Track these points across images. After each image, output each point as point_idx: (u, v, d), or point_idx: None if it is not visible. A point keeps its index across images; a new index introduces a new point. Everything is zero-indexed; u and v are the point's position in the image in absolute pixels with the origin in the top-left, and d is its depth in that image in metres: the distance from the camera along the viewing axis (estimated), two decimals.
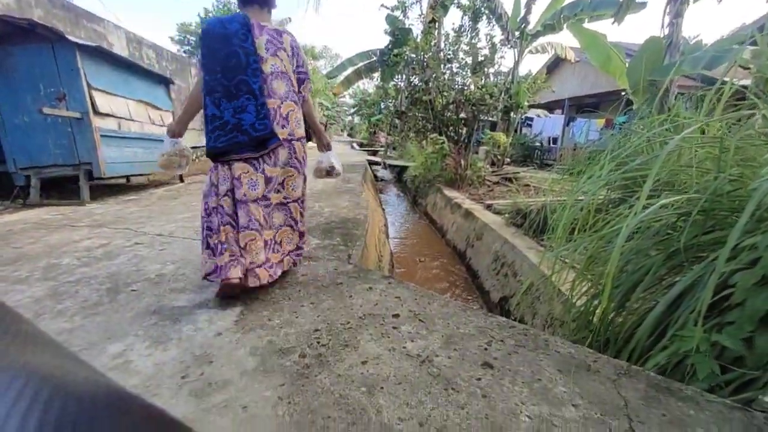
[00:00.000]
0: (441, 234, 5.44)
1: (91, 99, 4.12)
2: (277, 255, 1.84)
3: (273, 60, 1.70)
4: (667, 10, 4.12)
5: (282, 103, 1.75)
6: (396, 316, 1.60)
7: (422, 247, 4.99)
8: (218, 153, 1.69)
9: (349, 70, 11.95)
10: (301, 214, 1.99)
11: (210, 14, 10.77)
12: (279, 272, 1.83)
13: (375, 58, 11.00)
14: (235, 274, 1.59)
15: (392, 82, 11.30)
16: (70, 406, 0.13)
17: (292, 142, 1.83)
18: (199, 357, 1.30)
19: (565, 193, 3.43)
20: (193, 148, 8.84)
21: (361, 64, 11.53)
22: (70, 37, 3.95)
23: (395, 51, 9.00)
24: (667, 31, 4.17)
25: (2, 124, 4.03)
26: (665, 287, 1.58)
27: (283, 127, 1.76)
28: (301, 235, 2.01)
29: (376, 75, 12.41)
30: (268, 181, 1.76)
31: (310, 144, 2.25)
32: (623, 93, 4.76)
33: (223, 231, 1.66)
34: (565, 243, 2.02)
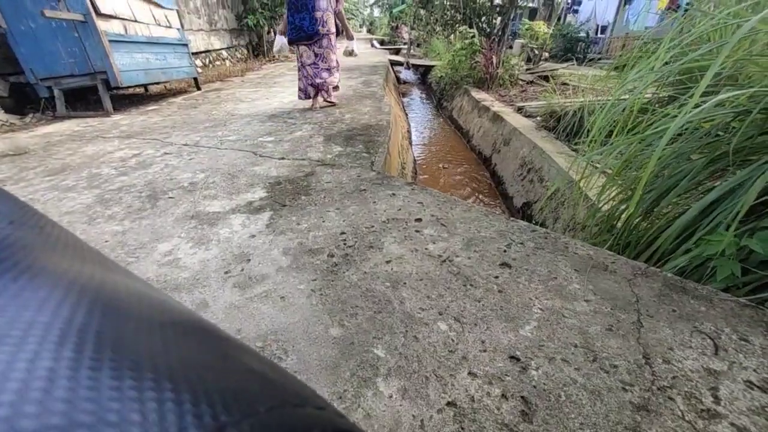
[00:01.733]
0: (466, 140, 5.25)
1: None
2: (325, 87, 3.84)
3: None
4: None
5: (323, 14, 3.33)
6: (418, 220, 1.65)
7: (446, 153, 4.87)
8: (292, 41, 3.48)
9: None
10: (337, 70, 3.77)
11: None
12: (328, 96, 4.01)
13: None
14: (309, 95, 3.84)
15: None
16: (110, 317, 0.13)
17: (328, 35, 3.46)
18: (237, 255, 1.43)
19: (607, 91, 3.11)
20: (204, 52, 8.40)
21: None
22: None
23: None
24: None
25: (11, 33, 3.90)
26: (702, 192, 1.51)
27: (322, 26, 3.36)
28: (335, 87, 4.03)
29: None
30: (316, 55, 3.55)
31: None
32: None
33: (302, 78, 3.74)
34: (600, 147, 1.91)
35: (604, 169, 1.98)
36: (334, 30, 3.49)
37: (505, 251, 1.41)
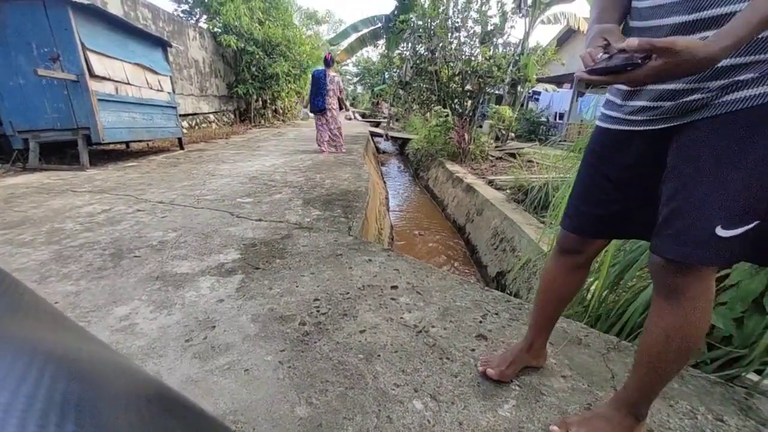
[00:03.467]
0: (441, 208, 5.45)
1: (86, 61, 4.00)
2: (331, 147, 6.13)
3: (330, 86, 5.64)
4: None
5: (330, 99, 5.69)
6: (394, 287, 1.63)
7: (422, 220, 5.01)
8: (312, 111, 5.88)
9: (353, 37, 11.54)
10: (339, 134, 6.01)
11: None
12: (332, 151, 6.05)
13: (380, 25, 10.59)
14: (320, 148, 6.05)
15: (397, 51, 10.90)
16: (74, 386, 0.13)
17: (332, 110, 5.78)
18: (202, 322, 1.34)
19: (569, 169, 3.40)
20: (192, 114, 8.71)
21: (365, 30, 11.11)
22: None
23: (401, 17, 8.63)
24: None
25: None
26: None
27: (328, 105, 5.70)
28: (340, 145, 6.14)
29: (381, 42, 11.97)
30: (326, 121, 5.84)
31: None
32: None
33: (318, 137, 6.03)
34: None
35: None
36: (336, 107, 5.87)
37: (480, 322, 1.39)
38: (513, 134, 9.89)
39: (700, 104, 0.67)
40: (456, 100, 7.78)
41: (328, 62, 5.64)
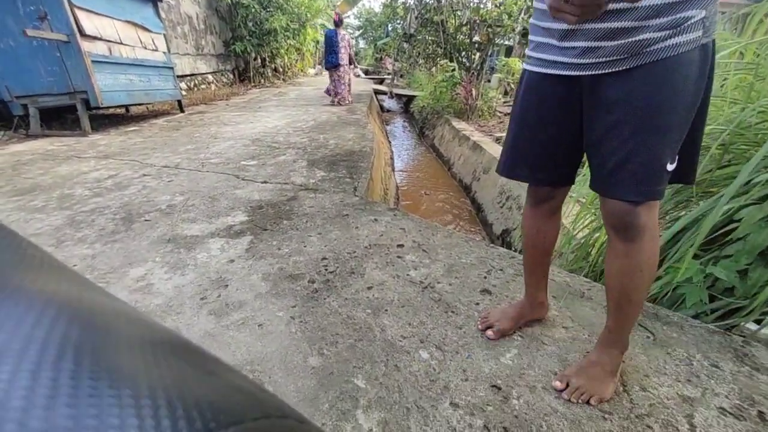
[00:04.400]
0: (447, 167, 5.38)
1: (75, 19, 3.83)
2: (341, 96, 6.57)
3: (341, 43, 6.11)
4: None
5: (342, 55, 6.19)
6: (400, 246, 1.65)
7: (428, 180, 4.97)
8: (325, 68, 6.55)
9: None
10: (348, 86, 6.62)
11: None
12: (341, 100, 6.59)
13: None
14: (330, 95, 6.72)
15: (401, 0, 10.22)
16: (74, 329, 0.13)
17: (344, 65, 6.30)
18: (215, 281, 1.39)
19: None
20: (190, 75, 8.43)
21: None
22: None
23: None
24: None
25: None
26: (669, 222, 1.59)
27: (341, 60, 6.20)
28: (346, 98, 6.61)
29: None
30: (338, 76, 6.39)
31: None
32: None
33: (332, 88, 6.60)
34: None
35: (579, 198, 2.07)
36: (346, 63, 6.32)
37: (485, 277, 1.42)
38: None
39: (642, 45, 0.68)
40: (463, 53, 7.41)
41: (337, 23, 6.25)
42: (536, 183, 0.99)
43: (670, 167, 0.73)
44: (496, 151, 3.99)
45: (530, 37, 0.86)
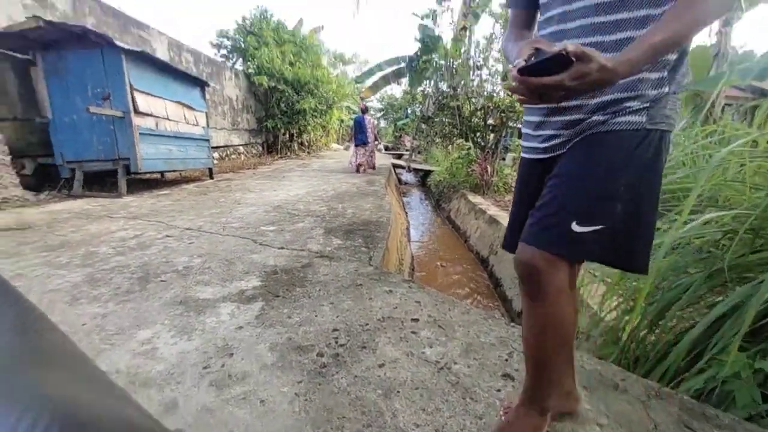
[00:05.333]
0: (464, 239, 5.36)
1: (132, 99, 4.36)
2: (369, 164, 8.49)
3: (368, 126, 8.28)
4: None
5: (368, 134, 8.26)
6: (415, 320, 1.58)
7: (444, 251, 4.93)
8: (357, 145, 8.31)
9: (377, 75, 12.02)
10: (372, 157, 8.51)
11: (247, 20, 11.16)
12: (368, 168, 8.45)
13: (403, 64, 11.00)
14: (356, 168, 8.26)
15: (420, 88, 11.26)
16: None
17: (370, 143, 8.38)
18: (221, 348, 1.33)
19: None
20: (223, 146, 9.17)
21: (389, 69, 11.57)
22: (118, 43, 4.19)
23: (424, 57, 9.00)
24: (714, 40, 3.94)
25: (53, 122, 4.34)
26: (705, 307, 1.48)
27: (368, 139, 8.25)
28: (373, 166, 8.60)
29: (404, 80, 12.42)
30: (364, 151, 8.28)
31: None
32: None
33: (357, 161, 8.30)
34: None
35: (603, 278, 1.99)
36: (372, 140, 8.25)
37: (506, 360, 1.31)
38: None
39: (587, 127, 0.79)
40: (478, 134, 7.87)
41: (364, 110, 8.43)
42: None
43: (577, 228, 0.74)
44: None
45: (521, 129, 0.99)
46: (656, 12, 0.72)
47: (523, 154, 0.98)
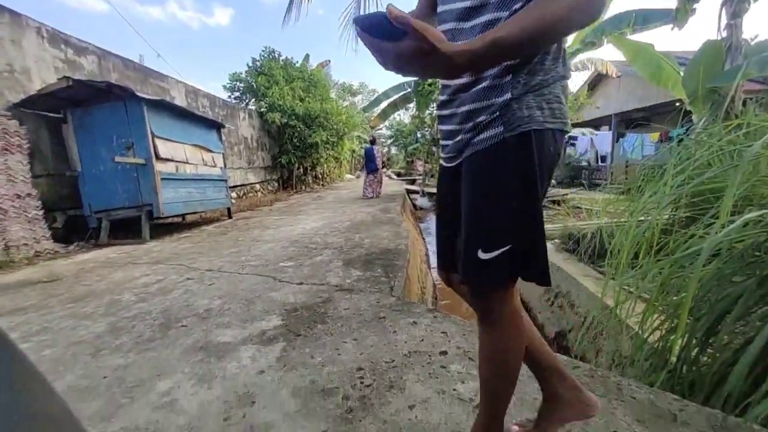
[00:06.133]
0: None
1: (154, 146, 4.57)
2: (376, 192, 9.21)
3: (377, 155, 9.27)
4: (723, 12, 3.81)
5: (377, 161, 9.26)
6: (443, 353, 1.49)
7: None
8: (367, 173, 9.37)
9: (385, 103, 12.35)
10: (380, 184, 9.39)
11: (257, 62, 11.77)
12: (376, 194, 9.19)
13: (410, 89, 11.29)
14: (367, 194, 9.05)
15: (428, 111, 11.45)
16: None
17: (380, 170, 9.43)
18: (242, 397, 1.28)
19: (621, 214, 3.16)
20: (240, 185, 9.43)
21: (395, 96, 11.88)
22: (139, 94, 4.45)
23: (429, 80, 9.21)
24: (724, 34, 3.84)
25: (82, 175, 4.57)
26: (759, 318, 1.34)
27: (377, 166, 9.25)
28: (378, 194, 9.18)
29: (411, 105, 12.69)
30: (373, 177, 9.19)
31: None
32: (677, 104, 4.42)
33: (368, 186, 9.12)
34: (629, 269, 1.82)
35: (640, 294, 1.85)
36: (380, 167, 9.11)
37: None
38: (554, 181, 9.64)
39: (463, 144, 0.77)
40: None
41: (372, 141, 9.44)
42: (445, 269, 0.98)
43: (483, 255, 0.72)
44: None
45: None
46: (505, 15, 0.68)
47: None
